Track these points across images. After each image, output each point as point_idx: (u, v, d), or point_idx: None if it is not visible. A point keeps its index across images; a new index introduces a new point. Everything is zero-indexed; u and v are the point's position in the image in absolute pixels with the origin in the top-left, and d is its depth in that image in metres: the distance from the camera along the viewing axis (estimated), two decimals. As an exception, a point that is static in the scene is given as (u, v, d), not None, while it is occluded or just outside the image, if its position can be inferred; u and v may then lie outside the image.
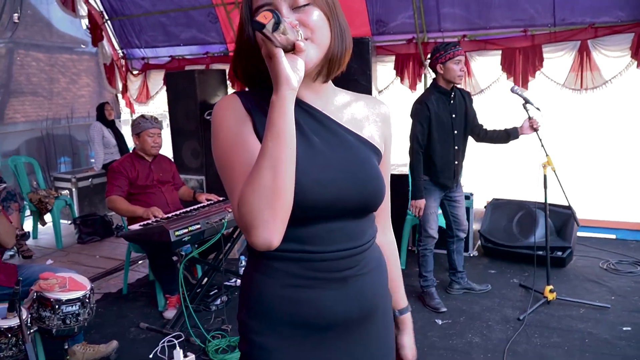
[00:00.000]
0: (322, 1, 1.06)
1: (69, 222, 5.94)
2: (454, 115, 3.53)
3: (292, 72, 0.93)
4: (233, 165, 1.02)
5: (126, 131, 7.22)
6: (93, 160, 7.18)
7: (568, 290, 3.81)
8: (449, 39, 5.20)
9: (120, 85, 7.46)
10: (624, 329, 3.23)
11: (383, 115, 1.24)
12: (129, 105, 7.63)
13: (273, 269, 1.10)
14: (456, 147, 3.57)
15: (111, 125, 6.51)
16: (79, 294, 2.68)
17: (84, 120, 7.28)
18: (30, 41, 6.54)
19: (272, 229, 0.94)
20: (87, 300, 2.72)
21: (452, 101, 3.53)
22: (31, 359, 2.24)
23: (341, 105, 1.18)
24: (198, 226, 3.24)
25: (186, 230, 3.16)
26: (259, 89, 1.13)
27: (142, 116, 4.09)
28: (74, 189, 6.22)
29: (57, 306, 2.60)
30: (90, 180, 6.39)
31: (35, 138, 6.72)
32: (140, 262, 4.84)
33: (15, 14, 6.01)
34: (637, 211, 5.25)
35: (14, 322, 2.38)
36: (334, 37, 1.07)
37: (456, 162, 3.60)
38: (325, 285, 1.09)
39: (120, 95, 7.64)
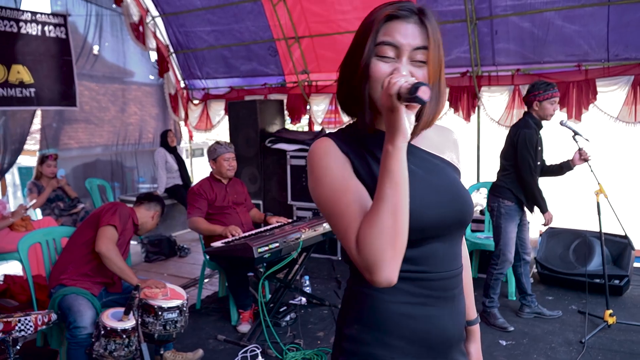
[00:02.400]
0: (434, 64, 1.13)
1: (137, 242, 6.28)
2: (539, 148, 3.77)
3: (409, 126, 1.01)
4: (343, 208, 1.07)
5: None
6: (140, 185, 7.63)
7: (627, 317, 3.89)
8: (502, 72, 5.44)
9: (182, 114, 7.91)
10: (688, 354, 3.32)
11: (454, 140, 1.35)
12: (190, 132, 8.08)
13: (390, 287, 1.11)
14: (538, 177, 3.80)
15: (173, 151, 6.90)
16: (178, 302, 2.96)
17: (133, 147, 7.72)
18: (80, 71, 6.79)
19: (393, 267, 1.01)
20: (184, 309, 3.00)
21: (539, 135, 3.78)
22: (146, 357, 2.51)
23: (420, 135, 1.23)
24: (277, 244, 3.49)
25: (267, 248, 3.41)
26: (347, 130, 1.23)
27: (217, 142, 4.41)
28: (139, 211, 6.58)
29: (159, 312, 2.88)
30: (153, 202, 6.75)
31: (88, 163, 7.10)
32: (206, 280, 5.11)
33: (95, 46, 6.53)
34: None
35: (128, 324, 2.67)
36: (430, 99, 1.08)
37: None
38: (438, 303, 1.18)
39: (182, 123, 8.08)
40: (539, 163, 3.78)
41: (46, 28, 5.79)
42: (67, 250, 3.14)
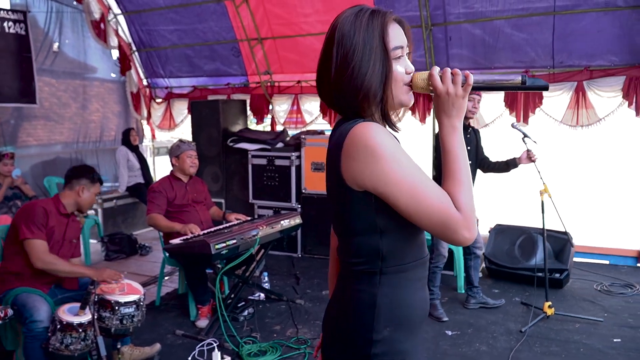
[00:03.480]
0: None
1: (96, 240, 6.28)
2: (468, 148, 3.96)
3: None
4: (427, 182, 1.16)
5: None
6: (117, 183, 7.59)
7: (565, 308, 4.16)
8: (456, 77, 5.66)
9: (145, 112, 7.91)
10: (615, 340, 3.59)
11: None
12: (152, 131, 8.10)
13: (406, 279, 1.27)
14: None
15: (135, 150, 6.92)
16: (135, 297, 3.04)
17: (94, 145, 7.67)
18: (40, 67, 6.64)
19: None
20: (141, 304, 3.08)
21: (468, 135, 3.98)
22: (102, 349, 2.60)
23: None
24: (234, 241, 3.61)
25: (224, 245, 3.53)
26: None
27: (180, 140, 4.49)
28: (99, 209, 6.59)
29: (116, 307, 2.95)
30: (114, 201, 6.77)
31: (47, 161, 6.99)
32: (166, 277, 5.18)
33: (55, 43, 6.49)
34: (628, 239, 5.63)
35: (84, 319, 2.75)
36: None
37: None
38: (425, 282, 1.35)
39: (144, 122, 8.08)
40: (470, 162, 3.98)
41: (5, 24, 5.74)
42: (4, 260, 3.13)
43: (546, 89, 1.18)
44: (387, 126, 1.30)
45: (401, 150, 1.19)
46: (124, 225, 6.88)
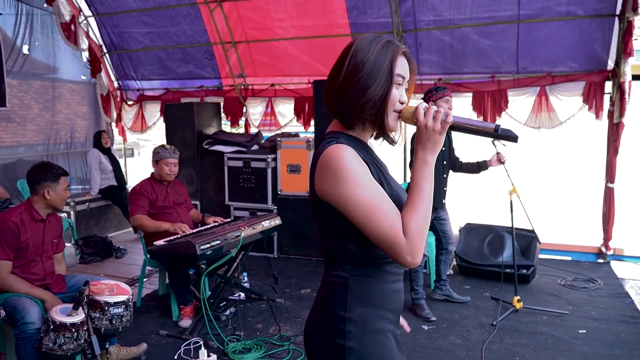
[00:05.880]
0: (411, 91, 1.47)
1: (71, 243, 6.24)
2: (443, 148, 4.14)
3: None
4: (385, 206, 1.28)
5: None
6: (70, 187, 7.50)
7: (532, 302, 4.39)
8: (426, 82, 5.89)
9: (114, 115, 7.86)
10: (580, 331, 3.84)
11: None
12: (122, 133, 8.05)
13: (381, 271, 1.41)
14: (444, 175, 4.19)
15: (107, 152, 6.89)
16: (124, 297, 3.09)
17: (65, 147, 7.57)
18: (10, 69, 6.48)
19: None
20: (129, 304, 3.14)
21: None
22: (96, 348, 2.66)
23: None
24: (218, 242, 3.70)
25: (209, 245, 3.62)
26: (352, 140, 1.40)
27: (163, 146, 4.51)
28: (72, 212, 6.54)
29: (106, 308, 3.00)
30: (87, 204, 6.73)
31: (18, 163, 6.85)
32: (145, 279, 5.20)
33: (25, 46, 6.41)
34: (589, 236, 5.94)
35: (77, 319, 2.80)
36: None
37: (445, 188, 4.21)
38: (401, 278, 1.48)
39: (114, 124, 8.02)
40: (445, 162, 4.17)
41: (-25, 27, 5.66)
42: None
43: (515, 140, 1.29)
44: (382, 137, 1.45)
45: (365, 173, 1.31)
46: (97, 227, 6.84)
